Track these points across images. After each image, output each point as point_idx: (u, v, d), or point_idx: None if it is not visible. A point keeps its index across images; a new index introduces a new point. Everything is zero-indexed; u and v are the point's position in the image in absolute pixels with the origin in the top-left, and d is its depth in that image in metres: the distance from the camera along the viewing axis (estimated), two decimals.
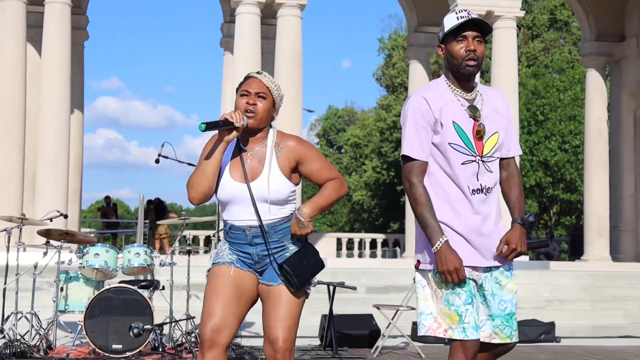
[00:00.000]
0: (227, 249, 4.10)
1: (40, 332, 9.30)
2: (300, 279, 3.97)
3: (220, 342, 3.92)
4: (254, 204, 3.98)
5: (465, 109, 3.90)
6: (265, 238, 4.02)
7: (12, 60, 16.61)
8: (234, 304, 3.99)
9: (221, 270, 4.03)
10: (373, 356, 9.58)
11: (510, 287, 3.94)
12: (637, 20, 21.04)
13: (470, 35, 3.84)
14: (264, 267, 4.07)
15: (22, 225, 9.96)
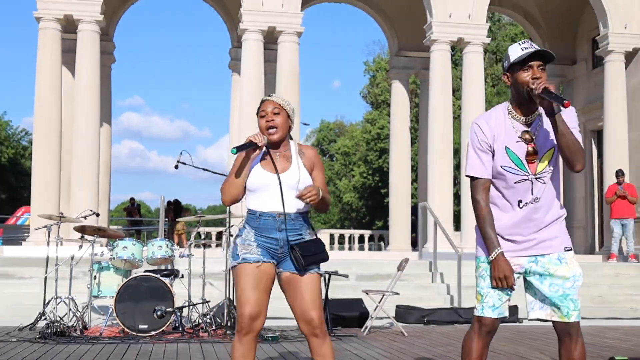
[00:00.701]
0: (252, 240, 4.15)
1: (76, 314, 9.31)
2: (307, 260, 4.07)
3: (256, 328, 4.09)
4: (282, 192, 4.10)
5: (519, 134, 3.91)
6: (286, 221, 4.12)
7: (49, 80, 16.60)
8: (263, 296, 4.12)
9: (251, 267, 4.12)
10: (363, 334, 9.58)
11: (561, 272, 3.90)
12: (586, 46, 21.13)
13: (535, 64, 3.82)
14: (284, 254, 4.16)
15: (61, 222, 9.98)
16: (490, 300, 3.96)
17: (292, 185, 4.13)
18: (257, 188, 4.16)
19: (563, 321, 3.92)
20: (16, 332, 9.19)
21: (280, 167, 4.16)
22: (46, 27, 16.60)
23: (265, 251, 4.14)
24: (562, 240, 3.95)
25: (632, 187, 16.67)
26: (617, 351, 8.01)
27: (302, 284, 4.13)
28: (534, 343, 8.80)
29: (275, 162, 4.17)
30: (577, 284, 3.91)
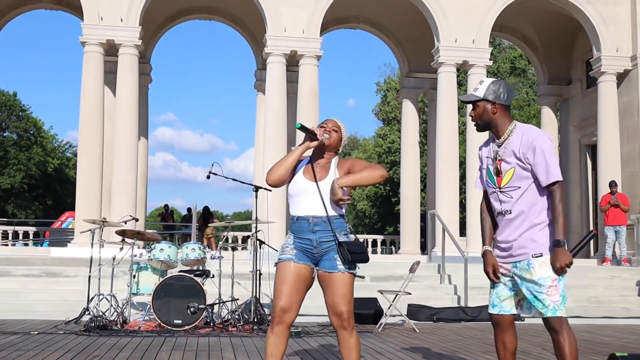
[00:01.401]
0: (291, 242, 4.26)
1: (117, 310, 9.31)
2: (353, 257, 4.11)
3: (287, 320, 4.16)
4: (321, 197, 4.19)
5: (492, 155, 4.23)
6: (329, 220, 4.18)
7: (93, 99, 16.67)
8: (296, 291, 4.18)
9: (285, 265, 4.22)
10: (378, 331, 9.52)
11: (529, 276, 4.04)
12: (580, 68, 20.99)
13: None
14: (321, 253, 4.21)
15: (103, 226, 9.99)
16: (491, 299, 4.23)
17: (327, 192, 4.20)
18: (297, 193, 4.25)
19: (542, 317, 4.04)
20: (62, 325, 9.20)
21: (319, 176, 4.24)
22: (90, 50, 16.68)
23: (301, 253, 4.23)
24: (534, 247, 4.04)
25: (624, 196, 16.53)
26: (613, 348, 7.91)
27: (336, 280, 4.16)
28: (535, 339, 8.69)
29: (316, 171, 4.26)
30: (545, 285, 3.99)
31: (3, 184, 44.91)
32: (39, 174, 47.57)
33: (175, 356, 6.69)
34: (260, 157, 18.71)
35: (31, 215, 45.71)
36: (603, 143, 17.89)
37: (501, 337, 4.22)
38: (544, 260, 4.03)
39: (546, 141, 4.04)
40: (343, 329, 4.17)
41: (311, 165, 4.30)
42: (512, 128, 4.14)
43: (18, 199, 47.29)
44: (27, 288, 12.35)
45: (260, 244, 9.55)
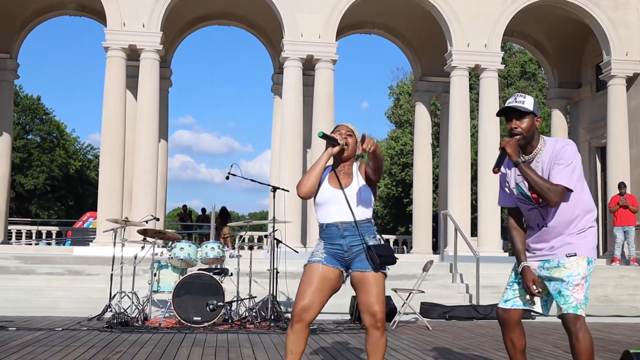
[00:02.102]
0: (322, 248, 4.27)
1: (138, 307, 9.34)
2: (381, 260, 4.13)
3: (306, 319, 4.15)
4: (348, 203, 4.21)
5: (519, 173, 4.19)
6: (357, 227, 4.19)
7: (115, 102, 16.75)
8: (319, 292, 4.18)
9: (313, 267, 4.23)
10: (392, 328, 9.49)
11: (557, 275, 4.07)
12: (590, 71, 20.88)
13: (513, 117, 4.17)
14: (351, 256, 4.22)
15: (126, 226, 10.03)
16: (506, 294, 4.27)
17: (353, 198, 4.23)
18: (324, 201, 4.27)
19: (561, 313, 4.03)
20: (85, 322, 9.24)
21: (343, 183, 4.27)
22: (113, 55, 16.77)
23: (331, 257, 4.25)
24: (569, 248, 4.07)
25: (633, 197, 16.42)
26: (623, 346, 7.85)
27: (369, 281, 4.17)
28: (547, 337, 8.65)
29: (340, 178, 4.28)
30: (572, 282, 4.01)
31: (27, 185, 45.23)
32: (61, 176, 47.86)
33: (195, 352, 6.70)
34: (277, 159, 18.74)
35: (53, 216, 46.01)
36: (612, 145, 17.78)
37: (509, 336, 4.25)
38: (575, 259, 4.06)
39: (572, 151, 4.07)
40: (375, 329, 4.16)
41: (334, 172, 4.32)
42: (543, 143, 4.14)
43: (41, 200, 47.62)
44: (50, 286, 12.43)
45: (277, 243, 9.56)
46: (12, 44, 19.81)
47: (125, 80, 17.12)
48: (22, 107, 45.67)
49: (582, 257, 4.05)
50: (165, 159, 20.69)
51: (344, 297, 10.51)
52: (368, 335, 4.20)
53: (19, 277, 12.66)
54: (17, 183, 43.78)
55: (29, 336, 7.67)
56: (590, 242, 4.11)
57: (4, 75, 19.73)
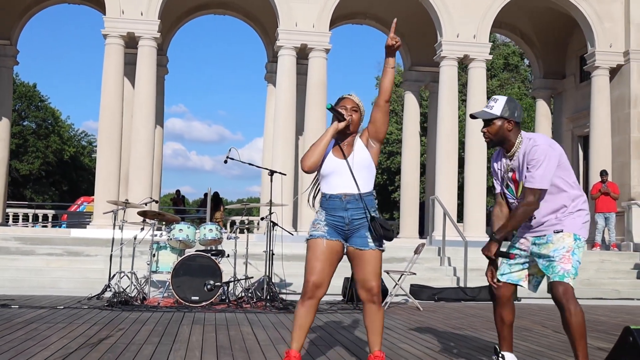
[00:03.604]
0: (322, 219, 4.18)
1: (137, 287, 9.29)
2: (385, 233, 4.09)
3: (318, 295, 4.09)
4: (351, 172, 4.12)
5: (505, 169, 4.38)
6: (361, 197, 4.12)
7: (113, 89, 16.59)
8: (328, 267, 4.11)
9: (317, 242, 4.14)
10: (385, 309, 9.48)
11: (545, 251, 4.23)
12: (574, 62, 20.90)
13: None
14: (352, 230, 4.15)
15: (126, 207, 9.96)
16: (502, 268, 4.41)
17: (357, 169, 4.14)
18: (328, 172, 4.16)
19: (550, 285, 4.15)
20: (86, 300, 9.19)
21: (347, 154, 4.18)
22: (111, 42, 16.59)
23: (332, 229, 4.15)
24: (558, 225, 4.22)
25: (614, 185, 16.49)
26: (609, 326, 7.89)
27: (366, 256, 4.12)
28: (534, 318, 8.68)
29: (344, 150, 4.19)
30: (558, 255, 4.15)
31: (22, 170, 44.92)
32: (56, 161, 47.56)
33: (196, 329, 6.66)
34: (270, 145, 18.65)
35: (48, 200, 45.73)
36: (595, 134, 17.83)
37: (499, 312, 4.40)
38: (561, 235, 4.19)
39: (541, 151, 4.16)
40: (372, 303, 4.13)
41: (338, 145, 4.23)
42: (519, 142, 4.27)
43: (36, 185, 47.32)
44: (49, 266, 12.35)
45: (273, 225, 9.52)
46: (12, 30, 19.58)
47: (123, 67, 16.96)
48: (19, 94, 45.27)
49: (569, 234, 4.18)
50: (161, 145, 20.57)
51: (335, 278, 10.49)
52: (365, 309, 4.16)
53: (19, 258, 12.57)
54: (13, 168, 43.45)
55: (32, 314, 7.60)
56: (578, 221, 4.22)
57: (3, 62, 19.51)
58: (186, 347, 5.53)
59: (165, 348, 5.43)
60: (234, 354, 5.25)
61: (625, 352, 3.59)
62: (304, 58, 17.64)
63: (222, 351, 5.36)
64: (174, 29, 20.55)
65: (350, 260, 4.22)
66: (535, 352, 5.75)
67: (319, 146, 4.13)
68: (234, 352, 5.34)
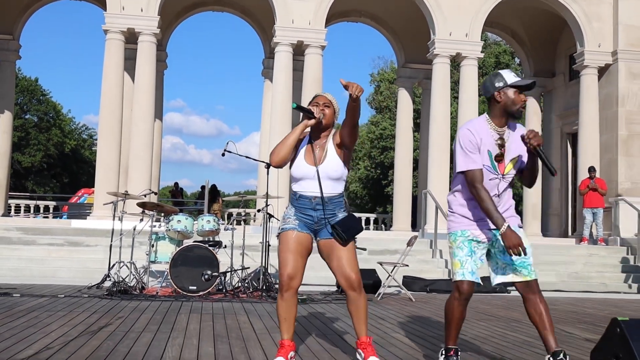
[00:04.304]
0: (292, 214, 4.19)
1: (136, 276, 9.27)
2: (348, 234, 4.10)
3: (294, 286, 4.09)
4: (319, 181, 4.11)
5: (496, 140, 4.07)
6: (324, 203, 4.13)
7: (114, 84, 16.51)
8: (300, 258, 4.11)
9: (288, 234, 4.15)
10: (377, 299, 9.50)
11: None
12: (564, 61, 20.88)
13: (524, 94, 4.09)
14: (320, 227, 4.18)
15: (125, 199, 9.93)
16: (469, 266, 4.05)
17: (326, 176, 4.12)
18: (299, 177, 4.17)
19: (526, 280, 4.05)
20: (86, 290, 9.18)
21: (318, 158, 4.13)
22: (112, 38, 16.50)
23: (302, 224, 4.17)
24: (516, 220, 4.14)
25: (602, 181, 16.52)
26: (596, 318, 7.91)
27: (338, 247, 4.12)
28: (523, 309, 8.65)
29: (315, 153, 4.15)
30: (530, 252, 4.05)
31: (24, 163, 44.77)
32: (57, 154, 47.40)
33: (193, 318, 6.65)
34: (266, 140, 18.59)
35: (49, 192, 45.60)
36: (583, 131, 17.84)
37: (462, 308, 4.13)
38: (523, 231, 4.14)
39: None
40: (352, 290, 4.09)
41: (311, 146, 4.18)
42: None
43: (37, 177, 47.17)
44: (50, 256, 12.32)
45: (269, 217, 9.50)
46: (14, 25, 19.47)
47: (124, 62, 16.88)
48: (21, 88, 45.07)
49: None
50: (160, 138, 20.50)
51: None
52: (347, 296, 4.14)
53: (21, 247, 12.54)
54: (15, 160, 43.29)
55: (33, 302, 7.58)
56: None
57: (6, 56, 19.41)
58: (184, 335, 5.51)
59: (164, 336, 5.42)
60: (230, 341, 5.24)
61: (613, 343, 3.58)
62: (300, 54, 17.59)
63: (219, 339, 5.35)
64: (173, 25, 20.46)
65: (324, 256, 4.20)
66: (524, 342, 5.75)
67: (286, 143, 4.08)
68: (230, 340, 5.33)
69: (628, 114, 17.47)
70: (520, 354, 5.10)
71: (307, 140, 4.21)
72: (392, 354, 4.92)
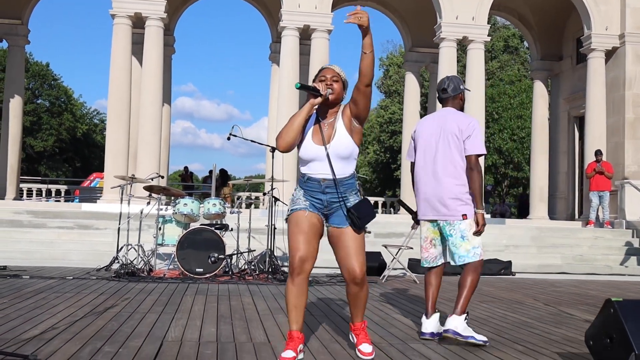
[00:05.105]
0: (301, 195, 3.90)
1: (144, 259, 9.34)
2: (363, 221, 3.80)
3: (306, 269, 3.77)
4: (330, 162, 3.81)
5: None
6: (337, 186, 3.84)
7: (121, 68, 16.54)
8: (313, 240, 3.82)
9: (299, 215, 3.85)
10: (382, 281, 9.54)
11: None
12: (571, 45, 20.73)
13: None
14: (330, 211, 3.88)
15: (132, 183, 9.98)
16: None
17: (336, 156, 3.83)
18: (307, 158, 3.87)
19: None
20: (94, 272, 9.25)
21: (326, 137, 3.83)
22: (119, 22, 16.50)
23: (312, 206, 3.88)
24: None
25: (608, 164, 16.43)
26: (598, 300, 7.91)
27: (347, 237, 3.83)
28: (527, 292, 8.70)
29: (323, 132, 3.84)
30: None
31: (36, 147, 44.99)
32: (69, 138, 47.61)
33: (198, 300, 6.70)
34: (274, 124, 18.60)
35: (62, 176, 45.86)
36: (590, 115, 17.74)
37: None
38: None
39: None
40: (354, 284, 3.86)
41: (319, 125, 3.86)
42: None
43: (50, 161, 47.42)
44: (60, 239, 12.42)
45: (275, 200, 9.53)
46: (23, 10, 19.51)
47: (131, 47, 16.89)
48: (32, 72, 45.22)
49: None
50: (168, 123, 20.54)
51: None
52: (348, 288, 3.92)
53: (32, 231, 12.64)
54: (28, 145, 43.54)
55: (42, 284, 7.66)
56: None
57: (15, 41, 19.46)
58: (188, 316, 5.56)
59: (168, 317, 5.47)
60: (233, 322, 5.28)
61: (606, 323, 3.59)
62: (307, 39, 17.54)
63: (222, 320, 5.40)
64: (181, 9, 20.43)
65: (331, 242, 3.92)
66: (524, 323, 5.77)
67: (294, 125, 3.76)
68: (233, 320, 5.37)
69: (635, 97, 17.35)
70: (518, 335, 5.12)
71: (315, 118, 3.89)
72: (391, 334, 4.96)
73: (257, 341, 4.48)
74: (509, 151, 35.00)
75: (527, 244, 14.03)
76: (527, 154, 32.91)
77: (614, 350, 3.51)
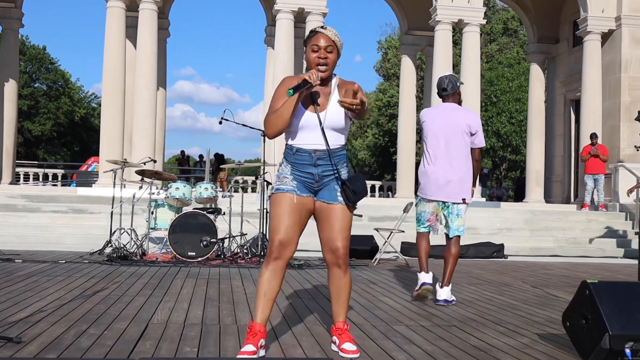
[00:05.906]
0: (289, 172, 3.57)
1: (137, 243, 9.40)
2: (358, 196, 3.54)
3: (285, 255, 3.49)
4: (323, 131, 3.51)
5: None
6: (331, 157, 3.55)
7: (115, 52, 16.52)
8: (298, 224, 3.53)
9: (286, 196, 3.53)
10: (374, 265, 9.60)
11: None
12: (568, 27, 20.68)
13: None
14: (321, 186, 3.58)
15: (125, 167, 10.01)
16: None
17: (329, 123, 3.54)
18: (297, 126, 3.53)
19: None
20: (87, 256, 9.31)
21: (319, 105, 3.53)
22: (113, 5, 16.47)
23: (301, 184, 3.56)
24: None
25: (604, 147, 16.46)
26: None
27: (334, 213, 3.56)
28: (516, 274, 8.77)
29: (317, 101, 3.54)
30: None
31: (34, 131, 44.95)
32: (67, 122, 47.55)
33: (188, 283, 6.76)
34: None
35: (60, 160, 45.85)
36: (586, 98, 17.73)
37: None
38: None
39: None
40: (337, 267, 3.58)
41: (311, 94, 3.54)
42: None
43: (48, 145, 47.39)
44: (55, 223, 12.47)
45: (267, 184, 9.58)
46: None
47: (125, 30, 16.86)
48: (29, 56, 45.07)
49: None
50: (164, 107, 20.52)
51: None
52: (330, 273, 3.62)
53: (26, 215, 12.70)
54: (25, 129, 43.51)
55: (34, 267, 7.72)
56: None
57: (9, 24, 19.40)
58: (176, 299, 5.62)
59: (156, 300, 5.53)
60: (220, 305, 5.34)
61: (582, 305, 3.65)
62: (302, 22, 17.50)
63: (210, 302, 5.45)
64: None
65: (317, 218, 3.63)
66: (509, 305, 5.84)
67: (282, 115, 3.46)
68: (221, 303, 5.43)
69: (631, 80, 17.34)
70: (501, 316, 5.18)
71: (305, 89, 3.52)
72: (376, 317, 5.02)
73: (241, 324, 4.53)
74: (507, 134, 35.00)
75: (521, 227, 14.09)
76: (525, 137, 32.92)
77: (589, 330, 3.57)
